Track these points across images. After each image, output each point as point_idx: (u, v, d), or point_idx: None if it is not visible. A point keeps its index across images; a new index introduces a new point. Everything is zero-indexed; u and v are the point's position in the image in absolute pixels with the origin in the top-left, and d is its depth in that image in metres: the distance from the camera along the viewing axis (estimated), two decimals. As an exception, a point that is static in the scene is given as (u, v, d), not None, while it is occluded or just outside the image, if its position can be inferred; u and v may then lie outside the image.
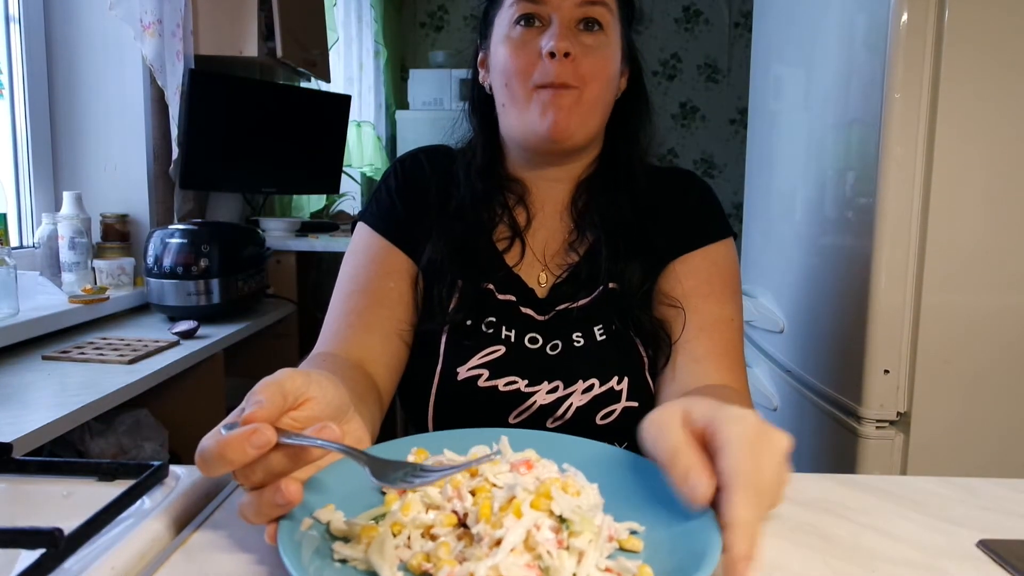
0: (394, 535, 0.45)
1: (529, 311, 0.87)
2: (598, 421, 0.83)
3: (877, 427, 1.27)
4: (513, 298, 0.88)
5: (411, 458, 0.55)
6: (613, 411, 0.83)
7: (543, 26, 0.84)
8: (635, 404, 0.83)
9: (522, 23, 0.85)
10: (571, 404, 0.83)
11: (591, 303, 0.87)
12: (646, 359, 0.85)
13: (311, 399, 0.51)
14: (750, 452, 0.45)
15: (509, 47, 0.85)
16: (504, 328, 0.85)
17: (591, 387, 0.83)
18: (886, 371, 1.25)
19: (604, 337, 0.85)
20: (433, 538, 0.45)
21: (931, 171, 1.20)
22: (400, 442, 0.59)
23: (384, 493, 0.52)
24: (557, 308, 0.87)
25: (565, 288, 0.88)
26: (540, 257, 0.91)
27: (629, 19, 0.93)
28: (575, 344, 0.85)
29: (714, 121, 4.81)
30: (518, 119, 0.86)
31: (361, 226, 0.93)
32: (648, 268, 0.88)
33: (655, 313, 0.88)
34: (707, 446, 0.48)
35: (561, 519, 0.44)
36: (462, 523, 0.46)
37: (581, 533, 0.44)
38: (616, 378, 0.83)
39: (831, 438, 1.37)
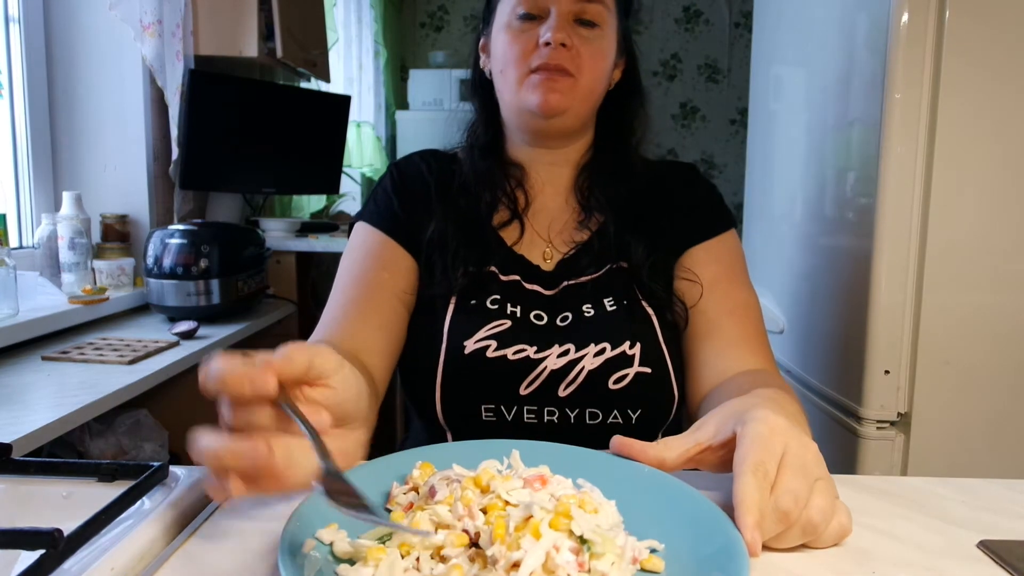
0: (402, 556, 0.43)
1: (535, 287, 0.89)
2: (611, 386, 0.83)
3: (877, 427, 1.27)
4: (517, 277, 0.89)
5: (416, 472, 0.52)
6: (626, 375, 0.83)
7: (542, 20, 0.88)
8: (648, 370, 0.83)
9: (522, 15, 0.88)
10: (583, 368, 0.83)
11: (600, 278, 0.89)
12: (659, 328, 0.86)
13: (329, 388, 0.50)
14: (760, 444, 0.50)
15: (509, 36, 0.89)
16: (509, 304, 0.86)
17: (603, 351, 0.83)
18: (886, 371, 1.25)
19: (615, 308, 0.86)
20: (443, 559, 0.43)
21: (931, 171, 1.20)
22: (408, 453, 0.57)
23: (390, 511, 0.50)
24: (565, 283, 0.89)
25: (573, 263, 0.90)
26: (543, 236, 0.93)
27: (627, 10, 0.96)
28: (585, 314, 0.86)
29: (714, 121, 4.81)
30: (512, 99, 0.89)
31: (359, 225, 0.94)
32: (656, 246, 0.90)
33: (672, 288, 0.90)
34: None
35: (582, 540, 0.42)
36: (474, 543, 0.44)
37: (603, 555, 0.41)
38: (628, 343, 0.84)
39: (831, 438, 1.37)
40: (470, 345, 0.83)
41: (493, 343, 0.84)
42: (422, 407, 0.87)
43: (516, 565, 0.40)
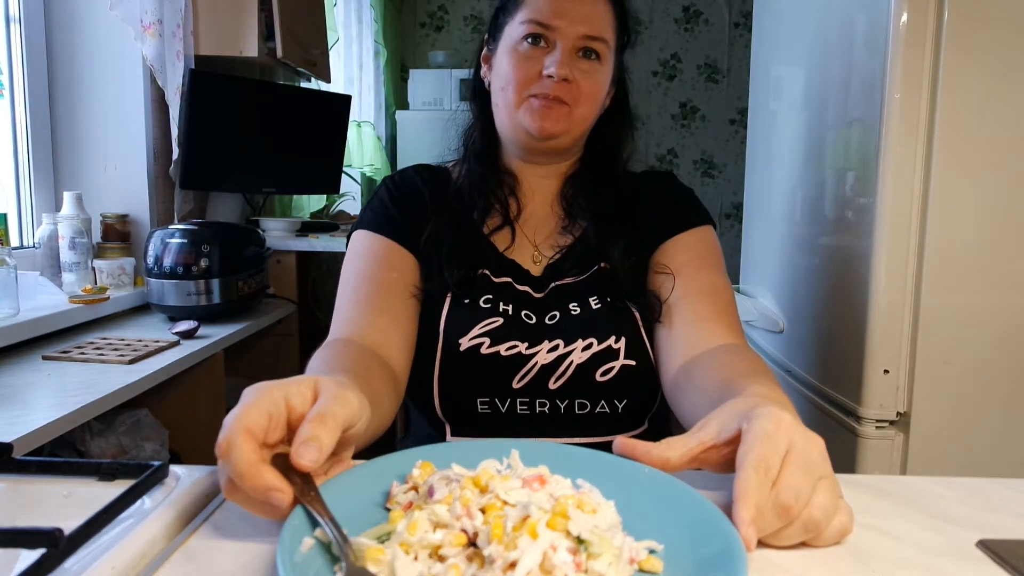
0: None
1: (526, 288, 0.94)
2: (598, 378, 0.88)
3: (877, 427, 1.27)
4: (509, 279, 0.94)
5: (416, 472, 0.52)
6: (612, 368, 0.88)
7: (547, 48, 0.92)
8: (632, 362, 0.89)
9: (529, 40, 0.92)
10: (571, 362, 0.88)
11: (585, 280, 0.94)
12: (641, 323, 0.91)
13: (319, 404, 0.50)
14: (765, 440, 0.49)
15: (514, 59, 0.93)
16: (501, 303, 0.91)
17: (590, 345, 0.88)
18: (886, 371, 1.25)
19: (599, 306, 0.92)
20: (441, 559, 0.43)
21: (931, 171, 1.20)
22: (408, 453, 0.56)
23: (388, 509, 0.50)
24: (553, 284, 0.94)
25: (559, 266, 0.96)
26: (531, 241, 0.99)
27: (624, 46, 1.00)
28: (572, 312, 0.91)
29: (714, 121, 4.81)
30: (508, 118, 0.94)
31: (358, 233, 0.97)
32: (634, 247, 0.96)
33: (648, 283, 0.95)
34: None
35: (579, 540, 0.42)
36: (472, 543, 0.44)
37: (600, 555, 0.41)
38: (614, 337, 0.89)
39: (831, 438, 1.36)
40: (465, 342, 0.88)
41: (486, 340, 0.88)
42: (421, 401, 0.92)
43: (513, 565, 0.40)
